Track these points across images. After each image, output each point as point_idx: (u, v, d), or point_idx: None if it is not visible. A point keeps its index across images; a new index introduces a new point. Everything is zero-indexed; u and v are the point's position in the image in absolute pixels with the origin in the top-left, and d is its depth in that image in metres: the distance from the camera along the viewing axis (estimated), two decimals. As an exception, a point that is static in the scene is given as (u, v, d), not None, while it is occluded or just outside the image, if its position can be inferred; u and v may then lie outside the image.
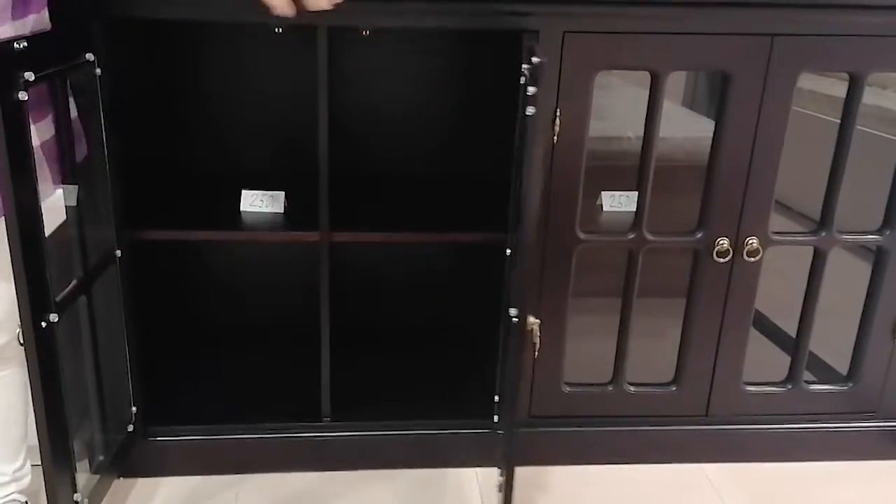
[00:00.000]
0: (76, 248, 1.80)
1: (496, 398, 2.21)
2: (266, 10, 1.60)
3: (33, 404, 1.52)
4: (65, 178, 1.74)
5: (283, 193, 2.19)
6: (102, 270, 1.91)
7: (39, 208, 1.52)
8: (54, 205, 1.75)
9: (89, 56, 1.78)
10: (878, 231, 2.19)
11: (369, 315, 2.70)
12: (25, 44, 1.46)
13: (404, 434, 2.24)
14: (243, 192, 2.19)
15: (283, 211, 2.17)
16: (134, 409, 2.08)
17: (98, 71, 1.81)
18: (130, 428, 2.07)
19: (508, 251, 2.03)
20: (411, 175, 2.50)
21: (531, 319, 1.99)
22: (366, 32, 2.29)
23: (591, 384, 2.22)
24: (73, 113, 1.76)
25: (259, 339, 2.61)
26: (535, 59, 1.63)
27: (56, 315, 1.57)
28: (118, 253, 1.95)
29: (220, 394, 2.34)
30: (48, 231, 1.59)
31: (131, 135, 2.04)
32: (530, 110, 1.62)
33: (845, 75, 2.07)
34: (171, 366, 2.43)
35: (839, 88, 2.12)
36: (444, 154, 2.54)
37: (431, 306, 2.71)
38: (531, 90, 1.62)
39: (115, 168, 1.91)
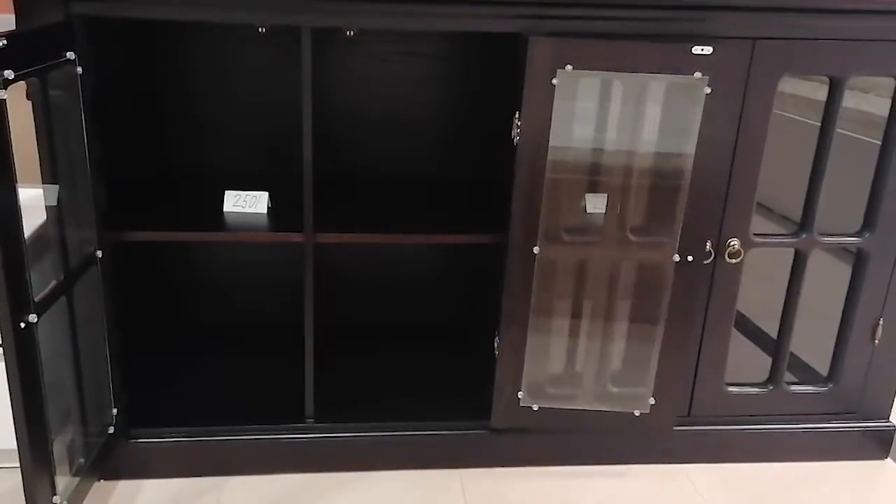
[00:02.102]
0: (56, 248, 1.79)
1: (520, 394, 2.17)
2: None
3: (12, 406, 1.51)
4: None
5: (266, 194, 2.18)
6: (84, 271, 1.90)
7: (18, 207, 1.51)
8: (34, 204, 1.75)
9: (70, 55, 1.77)
10: (859, 233, 2.20)
11: (357, 317, 2.69)
12: (5, 42, 1.46)
13: (388, 435, 2.24)
14: (227, 192, 2.18)
15: (266, 211, 2.16)
16: (115, 410, 2.07)
17: (79, 70, 1.81)
18: (111, 430, 2.06)
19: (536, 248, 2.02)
20: (398, 176, 2.50)
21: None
22: (350, 33, 2.28)
23: (573, 387, 2.22)
24: None
25: (243, 340, 2.60)
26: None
27: (35, 316, 1.56)
28: (98, 253, 1.94)
29: (203, 395, 2.33)
30: (28, 231, 1.58)
31: (113, 134, 2.02)
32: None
33: (827, 79, 2.08)
34: (154, 367, 2.41)
35: (822, 92, 2.13)
36: (431, 155, 2.54)
37: (420, 307, 2.71)
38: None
39: (96, 167, 1.90)
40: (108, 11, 1.82)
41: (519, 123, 1.93)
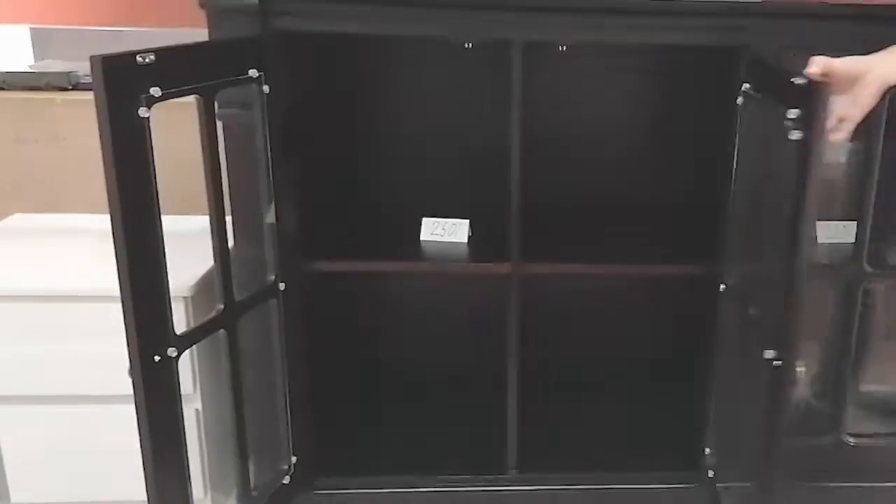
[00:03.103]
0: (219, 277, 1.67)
1: (706, 451, 2.00)
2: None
3: (141, 448, 1.39)
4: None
5: (466, 222, 2.02)
6: (259, 302, 1.78)
7: (160, 233, 1.41)
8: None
9: (253, 72, 1.66)
10: None
11: (562, 356, 2.42)
12: (152, 57, 1.37)
13: (599, 489, 2.05)
14: (424, 220, 2.04)
15: (466, 240, 2.01)
16: (294, 458, 1.92)
17: (265, 88, 1.69)
18: (286, 480, 1.92)
19: (722, 286, 1.86)
20: (609, 201, 2.29)
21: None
22: (563, 48, 2.07)
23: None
24: None
25: (438, 382, 2.40)
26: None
27: (175, 349, 1.44)
28: (281, 286, 1.82)
29: (394, 442, 2.17)
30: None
31: (301, 157, 1.90)
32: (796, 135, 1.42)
33: None
34: (337, 410, 2.26)
35: None
36: (644, 178, 2.31)
37: (631, 346, 2.45)
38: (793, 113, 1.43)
39: (280, 193, 1.78)
40: (308, 27, 1.72)
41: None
